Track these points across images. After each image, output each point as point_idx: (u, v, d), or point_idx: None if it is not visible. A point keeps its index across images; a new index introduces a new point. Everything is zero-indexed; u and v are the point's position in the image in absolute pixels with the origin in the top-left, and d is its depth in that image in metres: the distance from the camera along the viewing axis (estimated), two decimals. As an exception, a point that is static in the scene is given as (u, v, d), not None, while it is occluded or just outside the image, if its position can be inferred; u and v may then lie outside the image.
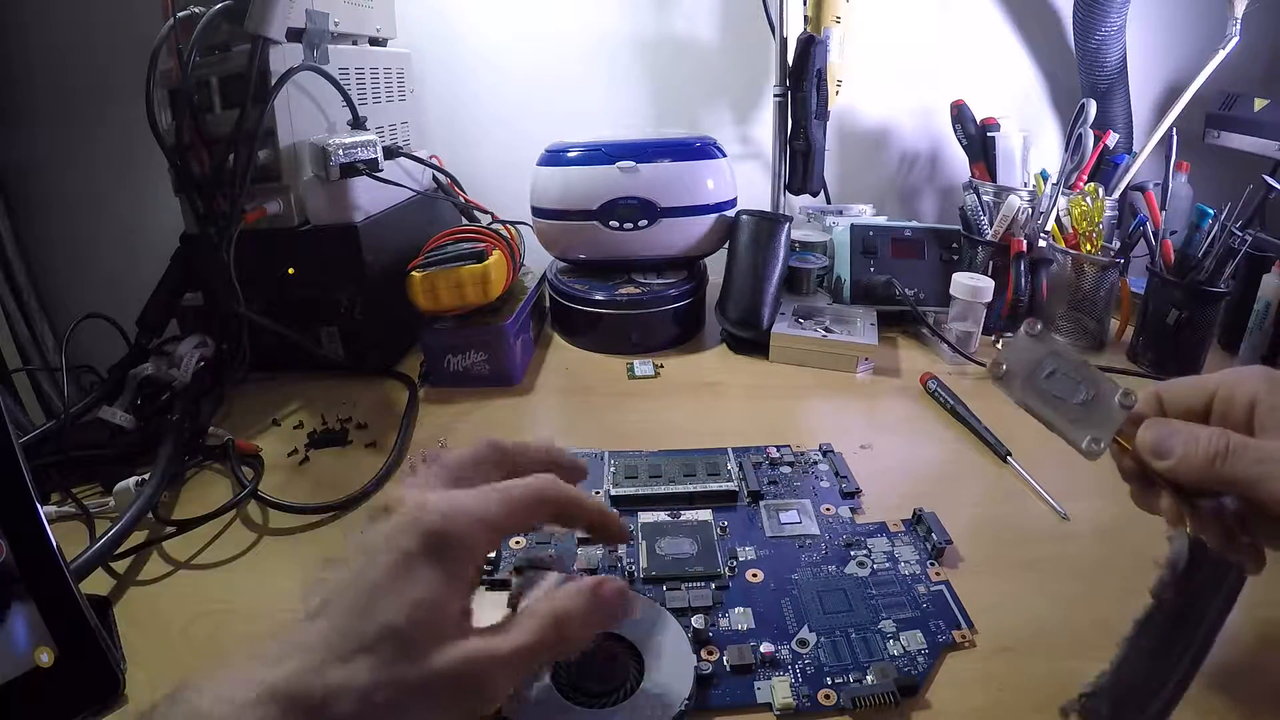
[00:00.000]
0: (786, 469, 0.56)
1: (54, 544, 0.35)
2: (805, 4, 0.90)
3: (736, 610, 0.42)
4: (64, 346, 0.61)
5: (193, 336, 0.65)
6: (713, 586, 0.44)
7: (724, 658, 0.39)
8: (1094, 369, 0.34)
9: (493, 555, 0.46)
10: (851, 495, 0.53)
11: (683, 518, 0.50)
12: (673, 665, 0.37)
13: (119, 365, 0.63)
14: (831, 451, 0.58)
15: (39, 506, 0.35)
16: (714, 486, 0.52)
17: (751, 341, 0.78)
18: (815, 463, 0.57)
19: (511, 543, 0.47)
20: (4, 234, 0.96)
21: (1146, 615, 0.32)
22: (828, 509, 0.51)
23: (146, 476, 0.51)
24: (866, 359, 0.74)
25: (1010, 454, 0.58)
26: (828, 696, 0.37)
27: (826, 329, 0.77)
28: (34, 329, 0.98)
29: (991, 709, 0.37)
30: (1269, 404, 0.31)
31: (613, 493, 0.52)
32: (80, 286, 1.01)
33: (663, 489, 0.52)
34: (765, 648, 0.39)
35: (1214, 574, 0.32)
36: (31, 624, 0.34)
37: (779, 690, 0.37)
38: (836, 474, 0.55)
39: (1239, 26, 0.86)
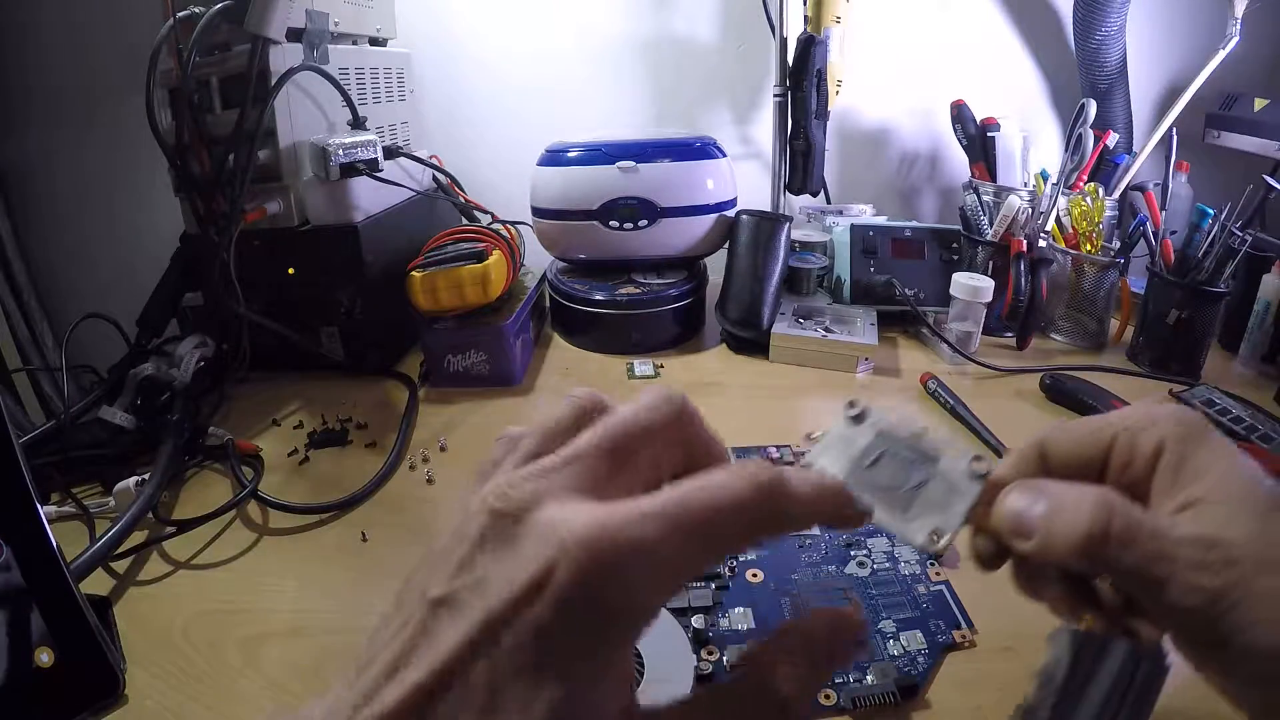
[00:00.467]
0: (786, 468, 0.56)
1: (54, 544, 0.35)
2: (805, 4, 0.90)
3: (736, 610, 0.42)
4: (64, 346, 0.61)
5: (193, 336, 0.65)
6: (713, 586, 0.44)
7: (724, 658, 0.39)
8: (933, 439, 0.26)
9: None
10: None
11: None
12: (672, 665, 0.37)
13: (119, 365, 0.63)
14: None
15: (39, 506, 0.35)
16: None
17: (751, 341, 0.78)
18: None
19: None
20: (4, 234, 0.96)
21: None
22: None
23: (146, 476, 0.51)
24: (866, 359, 0.74)
25: (1010, 454, 0.58)
26: (828, 697, 0.37)
27: (826, 329, 0.77)
28: (34, 329, 0.98)
29: (991, 709, 0.37)
30: (1177, 456, 0.23)
31: None
32: (80, 286, 1.01)
33: None
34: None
35: (1117, 680, 0.23)
36: (31, 624, 0.34)
37: None
38: None
39: (1239, 26, 0.86)
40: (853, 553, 0.47)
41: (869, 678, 0.38)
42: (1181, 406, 0.25)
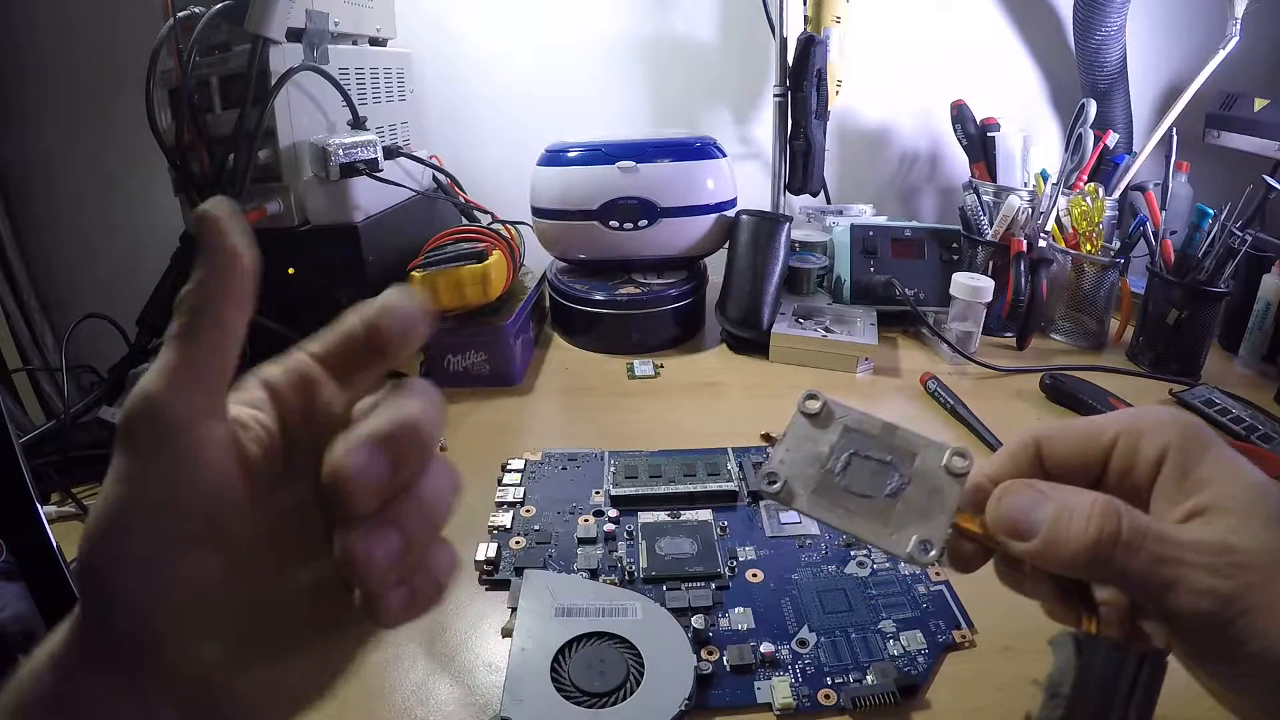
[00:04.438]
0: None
1: (54, 544, 0.35)
2: (805, 4, 0.90)
3: (736, 610, 0.42)
4: (64, 346, 0.62)
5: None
6: (713, 586, 0.44)
7: (724, 658, 0.39)
8: (905, 434, 0.25)
9: (492, 555, 0.46)
10: None
11: (683, 518, 0.50)
12: (672, 665, 0.37)
13: (119, 365, 0.63)
14: None
15: (39, 506, 0.35)
16: (714, 486, 0.52)
17: (751, 341, 0.78)
18: None
19: (511, 542, 0.47)
20: (4, 234, 0.96)
21: None
22: None
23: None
24: (866, 359, 0.74)
25: (1010, 454, 0.58)
26: (828, 696, 0.37)
27: (826, 329, 0.77)
28: (34, 329, 0.98)
29: (991, 709, 0.37)
30: (1181, 463, 0.23)
31: (613, 492, 0.52)
32: (80, 286, 1.01)
33: (663, 489, 0.52)
34: (765, 648, 0.39)
35: (1120, 681, 0.22)
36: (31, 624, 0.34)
37: (779, 690, 0.37)
38: None
39: (1239, 26, 0.86)
40: (852, 553, 0.47)
41: (869, 678, 0.38)
42: (1182, 411, 0.24)
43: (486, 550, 0.46)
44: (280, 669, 0.22)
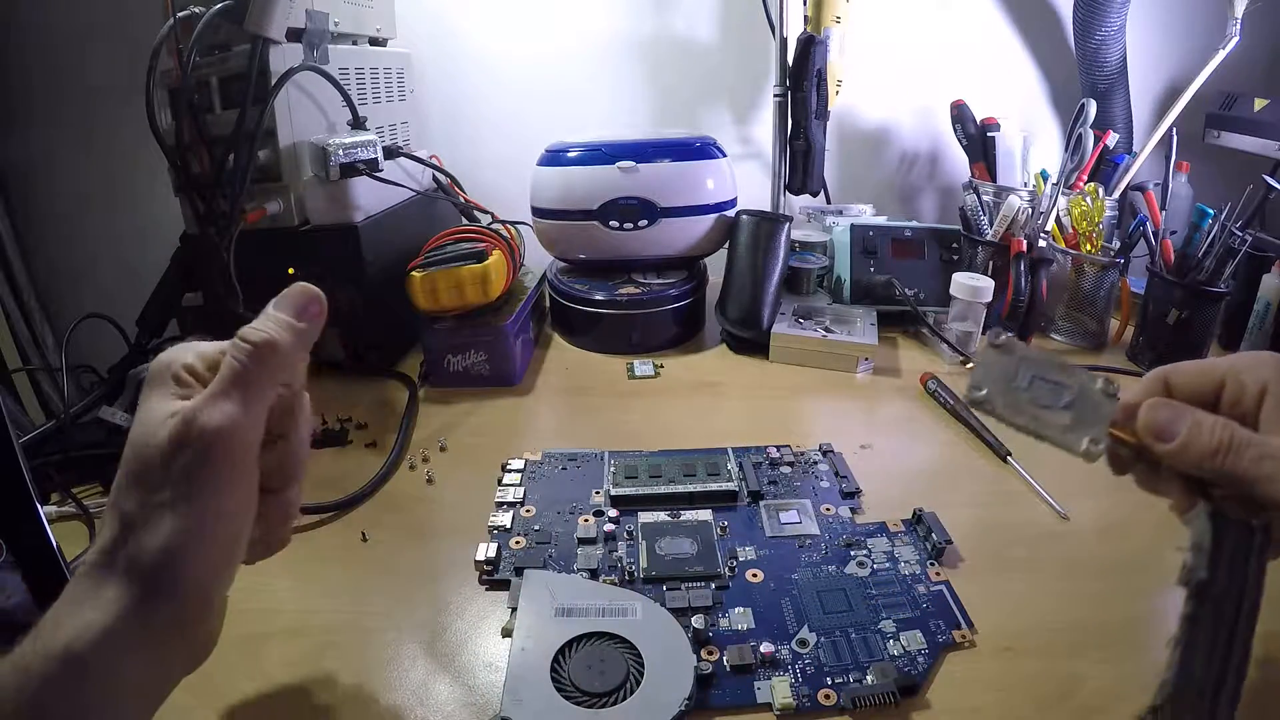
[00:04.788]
0: (786, 469, 0.56)
1: (54, 544, 0.35)
2: (805, 4, 0.90)
3: (736, 610, 0.42)
4: (64, 346, 0.61)
5: (193, 336, 0.65)
6: (713, 587, 0.44)
7: (724, 658, 0.39)
8: (1068, 365, 0.33)
9: (492, 555, 0.46)
10: (851, 495, 0.53)
11: (683, 518, 0.50)
12: (672, 665, 0.37)
13: (119, 365, 0.63)
14: (831, 451, 0.58)
15: (39, 506, 0.35)
16: (714, 486, 0.52)
17: (751, 341, 0.78)
18: (815, 463, 0.57)
19: (511, 542, 0.48)
20: (4, 234, 0.96)
21: (1191, 610, 0.29)
22: (828, 509, 0.51)
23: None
24: (866, 359, 0.74)
25: (1010, 454, 0.58)
26: (827, 696, 0.37)
27: (826, 329, 0.77)
28: (34, 329, 0.98)
29: (991, 709, 0.37)
30: (1279, 396, 0.30)
31: (613, 492, 0.52)
32: (80, 286, 1.01)
33: (663, 489, 0.52)
34: (765, 648, 0.39)
35: (1242, 542, 0.30)
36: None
37: (779, 690, 0.37)
38: (836, 474, 0.55)
39: (1239, 26, 0.86)
40: (852, 553, 0.47)
41: (869, 677, 0.38)
42: (1274, 356, 0.31)
43: (486, 550, 0.46)
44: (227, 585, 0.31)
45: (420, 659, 0.39)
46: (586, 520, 0.49)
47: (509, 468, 0.56)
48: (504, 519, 0.50)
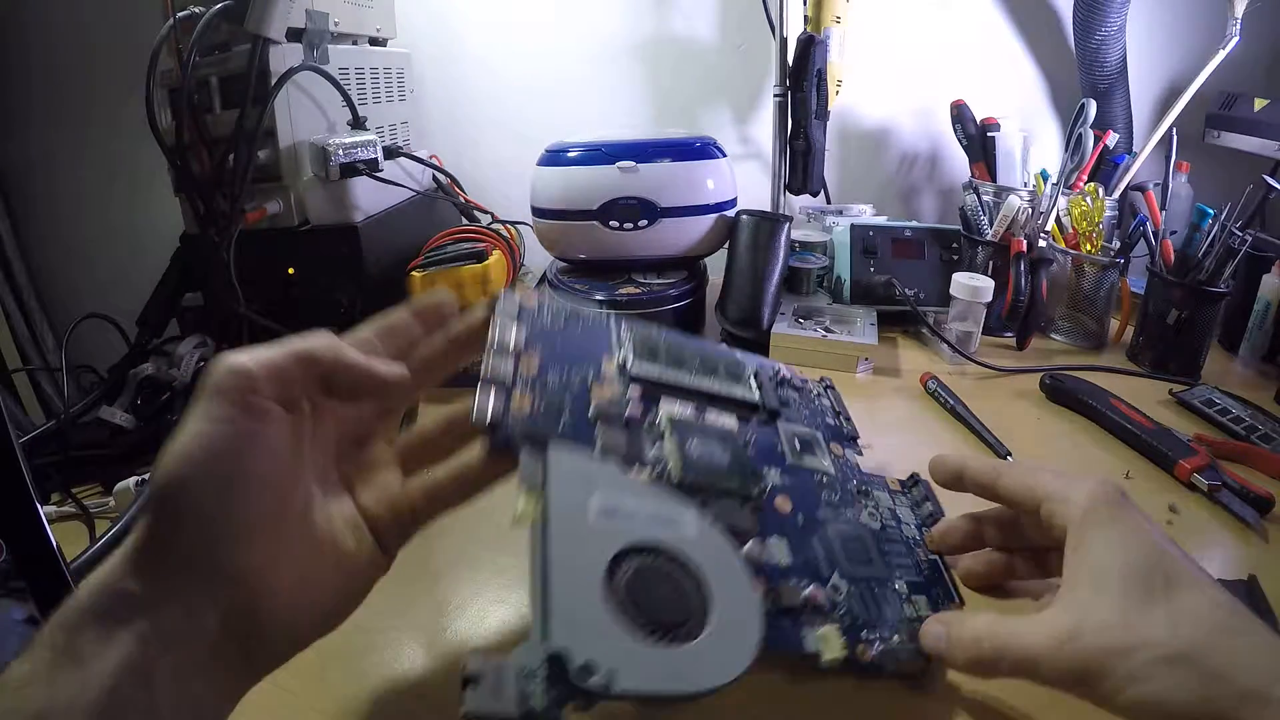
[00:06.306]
0: (794, 393, 0.48)
1: (54, 544, 0.35)
2: (805, 4, 0.90)
3: (772, 539, 0.35)
4: (64, 346, 0.62)
5: (193, 336, 0.65)
6: (748, 509, 0.36)
7: (772, 595, 0.32)
8: None
9: (499, 410, 0.33)
10: (853, 440, 0.48)
11: (708, 420, 0.40)
12: (736, 599, 0.29)
13: (119, 365, 0.63)
14: (832, 387, 0.52)
15: (39, 506, 0.35)
16: (737, 393, 0.43)
17: (751, 341, 0.78)
18: (818, 395, 0.51)
19: (514, 401, 0.35)
20: (4, 234, 0.96)
21: None
22: (835, 449, 0.45)
23: (146, 476, 0.51)
24: (866, 359, 0.74)
25: (1010, 454, 0.58)
26: (863, 653, 0.33)
27: (826, 329, 0.77)
28: (34, 329, 0.98)
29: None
30: (1075, 539, 0.30)
31: (632, 370, 0.39)
32: (80, 286, 1.01)
33: (687, 380, 0.41)
34: (811, 590, 0.33)
35: None
36: (31, 625, 0.34)
37: (831, 640, 0.32)
38: (836, 413, 0.50)
39: (1239, 26, 0.86)
40: (865, 502, 0.42)
41: (896, 638, 0.34)
42: (1102, 484, 0.31)
43: (488, 401, 0.32)
44: (309, 593, 0.29)
45: (420, 659, 0.39)
46: (605, 393, 0.37)
47: (502, 308, 0.39)
48: (504, 366, 0.35)
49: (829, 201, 1.02)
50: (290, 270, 0.68)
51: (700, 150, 0.79)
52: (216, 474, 0.25)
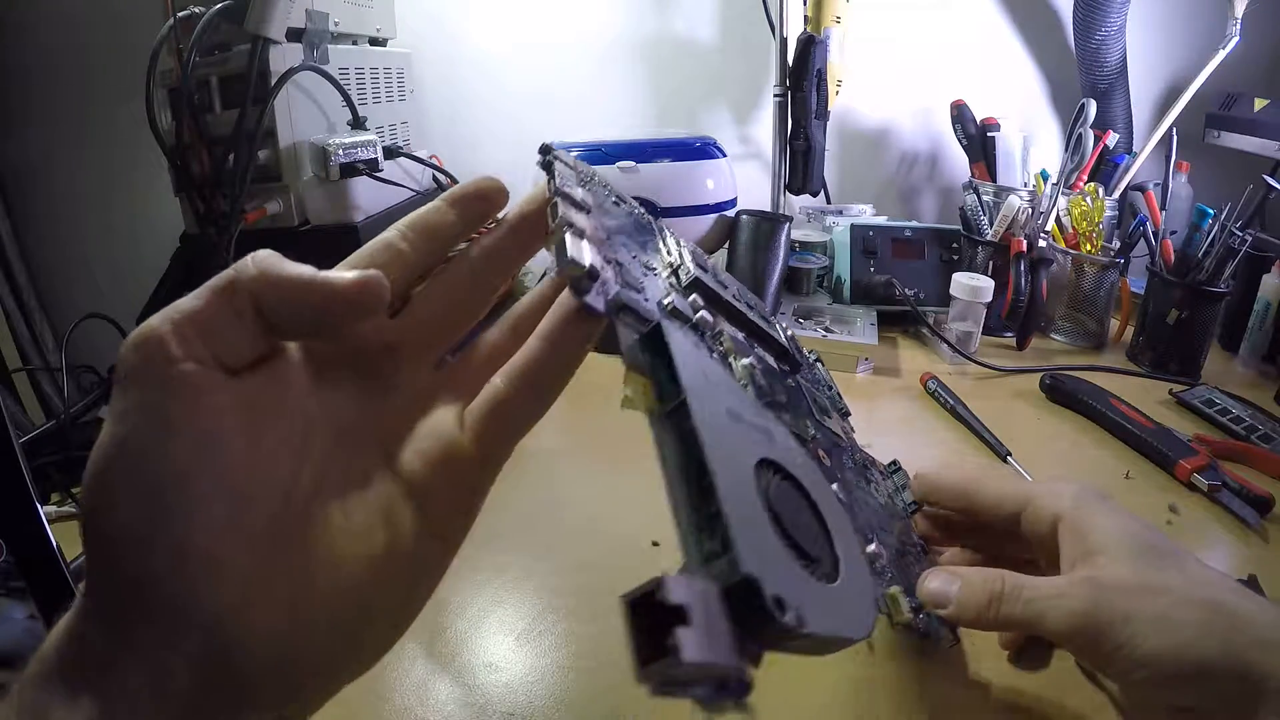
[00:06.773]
0: (796, 355, 0.42)
1: (54, 544, 0.35)
2: (805, 4, 0.90)
3: (834, 486, 0.31)
4: (64, 346, 0.62)
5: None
6: (809, 451, 0.32)
7: None
8: None
9: (596, 262, 0.22)
10: (847, 416, 0.47)
11: (756, 352, 0.34)
12: (848, 541, 0.23)
13: (119, 365, 0.63)
14: (820, 361, 0.50)
15: (39, 506, 0.35)
16: (773, 333, 0.37)
17: (751, 341, 0.78)
18: (815, 363, 0.49)
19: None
20: (4, 234, 0.96)
21: None
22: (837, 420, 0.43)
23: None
24: (866, 359, 0.74)
25: (1010, 454, 0.58)
26: (917, 619, 0.32)
27: (826, 329, 0.77)
28: (34, 329, 0.98)
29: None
30: (1075, 521, 0.31)
31: (693, 273, 0.29)
32: (80, 286, 1.01)
33: (737, 304, 0.34)
34: (871, 547, 0.30)
35: None
36: (31, 625, 0.34)
37: (898, 602, 0.30)
38: (829, 386, 0.48)
39: (1239, 26, 0.86)
40: (870, 474, 0.41)
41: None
42: (1084, 485, 0.33)
43: (581, 247, 0.22)
44: (307, 626, 0.19)
45: (420, 659, 0.39)
46: (669, 282, 0.28)
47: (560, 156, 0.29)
48: (582, 220, 0.24)
49: (829, 201, 1.02)
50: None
51: (700, 150, 0.79)
52: (144, 485, 0.18)
